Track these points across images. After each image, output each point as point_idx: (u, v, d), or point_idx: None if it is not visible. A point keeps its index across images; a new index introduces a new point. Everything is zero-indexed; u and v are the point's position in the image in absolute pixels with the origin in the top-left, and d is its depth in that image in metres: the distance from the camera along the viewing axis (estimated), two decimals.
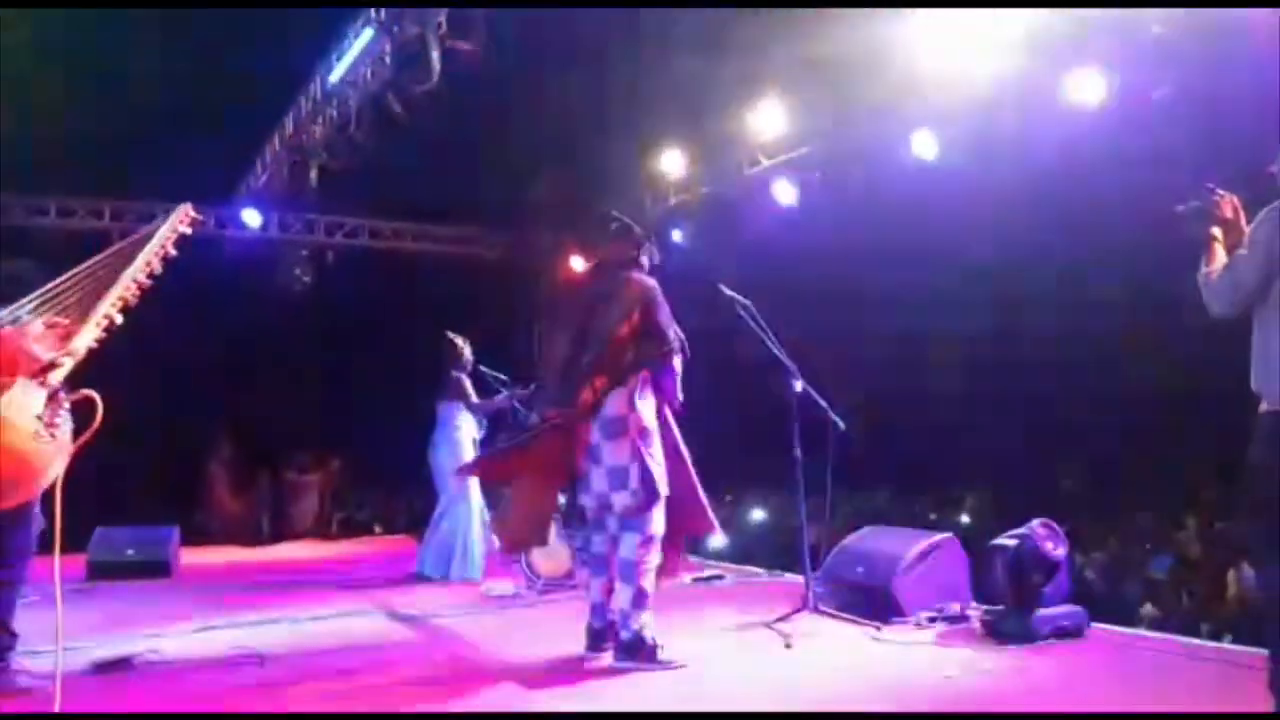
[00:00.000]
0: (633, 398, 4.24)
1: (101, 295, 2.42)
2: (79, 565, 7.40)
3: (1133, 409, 9.82)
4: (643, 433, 4.26)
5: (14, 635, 4.10)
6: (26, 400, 2.21)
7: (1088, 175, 7.61)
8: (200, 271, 11.20)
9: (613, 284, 4.42)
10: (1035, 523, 4.68)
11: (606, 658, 4.31)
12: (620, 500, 4.25)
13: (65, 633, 4.73)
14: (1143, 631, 5.12)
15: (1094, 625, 4.70)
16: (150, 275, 2.54)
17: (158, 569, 7.58)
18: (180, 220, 2.65)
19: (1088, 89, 6.10)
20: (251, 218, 11.01)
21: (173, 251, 2.60)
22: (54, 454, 2.23)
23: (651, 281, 4.42)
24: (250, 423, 11.98)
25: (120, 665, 4.39)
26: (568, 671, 4.23)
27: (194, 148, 9.10)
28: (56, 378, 2.31)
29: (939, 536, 5.28)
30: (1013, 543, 4.66)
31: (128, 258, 2.48)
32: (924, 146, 7.28)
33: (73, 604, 6.38)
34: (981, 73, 6.37)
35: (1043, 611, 4.52)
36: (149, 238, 2.55)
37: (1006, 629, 4.54)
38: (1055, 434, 10.53)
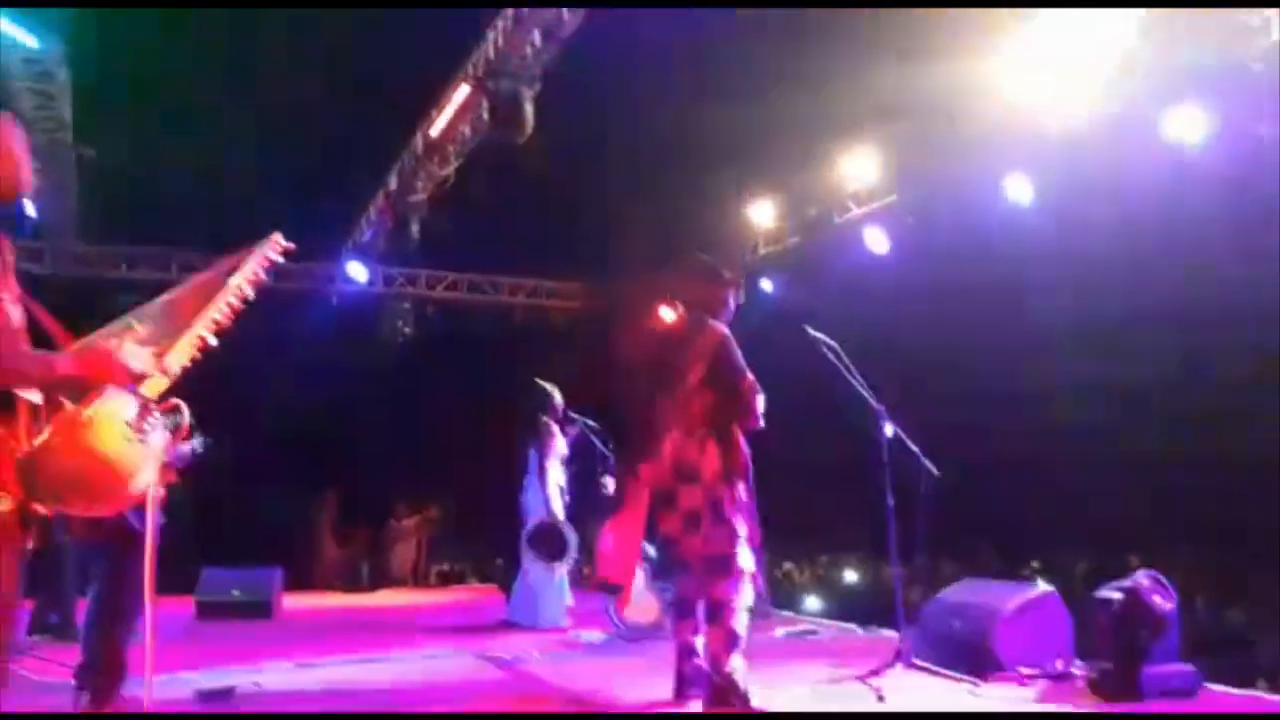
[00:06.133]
0: (704, 444, 4.23)
1: (195, 317, 2.55)
2: (188, 604, 7.69)
3: (1258, 469, 9.28)
4: (718, 477, 4.22)
5: (125, 665, 4.26)
6: (117, 407, 2.31)
7: (1191, 215, 7.35)
8: (308, 323, 11.78)
9: (690, 330, 4.44)
10: (1141, 574, 4.46)
11: (695, 704, 4.25)
12: (693, 545, 4.21)
13: (175, 667, 4.95)
14: (1262, 694, 4.79)
15: (1208, 686, 4.43)
16: (243, 300, 2.67)
17: (260, 609, 7.80)
18: (270, 248, 2.79)
19: (1189, 126, 5.92)
20: (357, 272, 11.44)
21: (264, 277, 2.74)
22: (144, 459, 2.33)
23: (724, 330, 4.39)
24: (353, 471, 12.33)
25: (222, 695, 4.54)
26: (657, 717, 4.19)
27: (305, 205, 9.58)
28: (149, 389, 2.42)
29: (1040, 589, 5.07)
30: (1118, 595, 4.44)
31: (220, 283, 2.63)
32: (1018, 190, 7.16)
33: (182, 640, 6.67)
34: (1075, 113, 6.25)
35: (1151, 669, 4.29)
36: (240, 263, 2.70)
37: (1112, 687, 4.31)
38: (1173, 493, 10.01)
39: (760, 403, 4.28)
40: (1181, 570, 8.55)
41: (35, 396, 2.27)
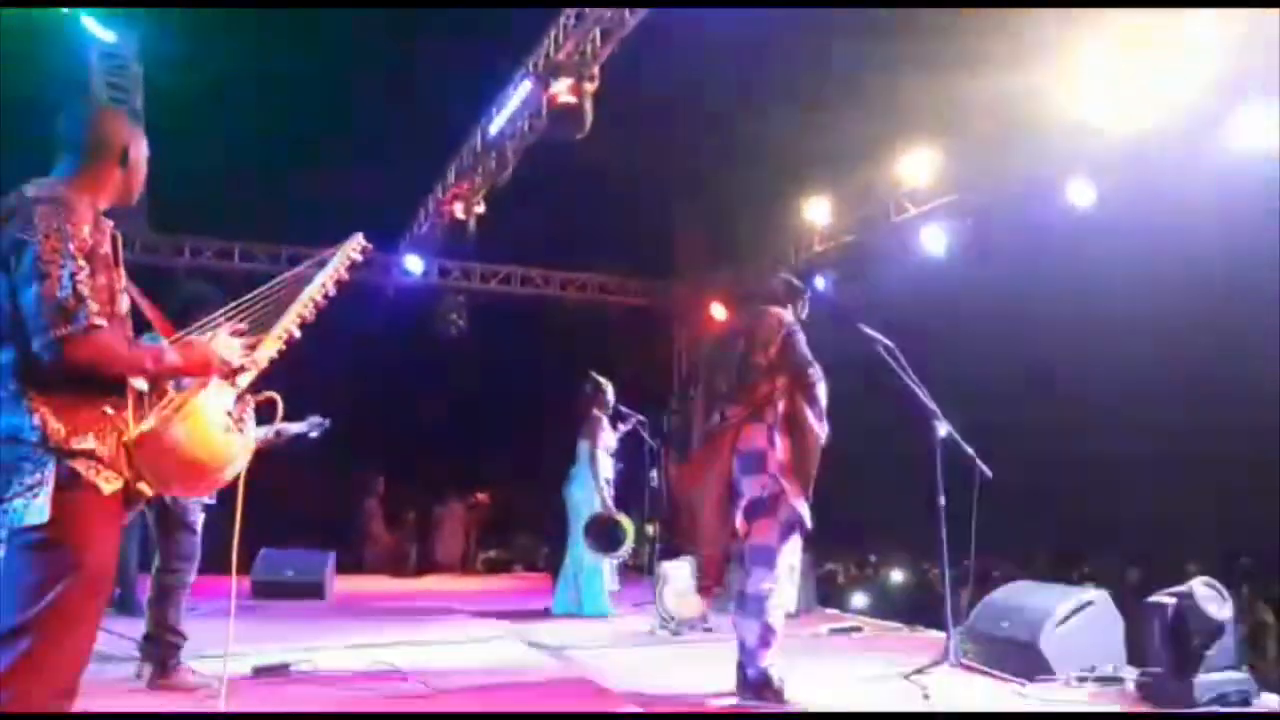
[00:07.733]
0: (772, 433, 4.21)
1: (281, 313, 2.69)
2: (243, 584, 7.89)
3: None
4: (782, 470, 4.20)
5: (182, 636, 4.43)
6: (219, 398, 2.47)
7: (1258, 218, 7.19)
8: (363, 313, 11.98)
9: (752, 317, 4.46)
10: (1196, 580, 4.40)
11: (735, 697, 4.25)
12: (756, 533, 4.23)
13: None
14: None
15: (1264, 695, 4.36)
16: (325, 297, 2.80)
17: (313, 590, 7.99)
18: (353, 249, 2.92)
19: (1255, 129, 5.79)
20: (414, 264, 11.63)
21: (345, 276, 2.87)
22: (240, 449, 2.48)
23: (789, 315, 4.42)
24: (404, 459, 12.51)
25: (279, 671, 4.67)
26: (692, 705, 4.23)
27: (365, 198, 9.77)
28: (243, 381, 2.55)
29: (1091, 592, 5.03)
30: (1171, 601, 4.38)
31: (305, 281, 2.77)
32: (1080, 193, 7.06)
33: (238, 617, 6.83)
34: (1141, 116, 6.15)
35: (1204, 677, 4.22)
36: (324, 263, 2.84)
37: (1164, 693, 4.26)
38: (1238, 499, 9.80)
39: (823, 394, 4.23)
40: (1242, 578, 8.39)
41: (142, 384, 2.42)
